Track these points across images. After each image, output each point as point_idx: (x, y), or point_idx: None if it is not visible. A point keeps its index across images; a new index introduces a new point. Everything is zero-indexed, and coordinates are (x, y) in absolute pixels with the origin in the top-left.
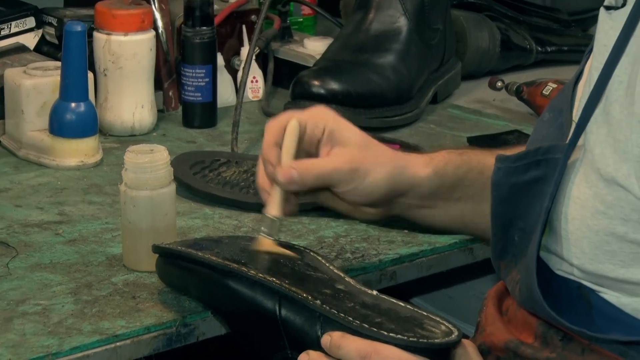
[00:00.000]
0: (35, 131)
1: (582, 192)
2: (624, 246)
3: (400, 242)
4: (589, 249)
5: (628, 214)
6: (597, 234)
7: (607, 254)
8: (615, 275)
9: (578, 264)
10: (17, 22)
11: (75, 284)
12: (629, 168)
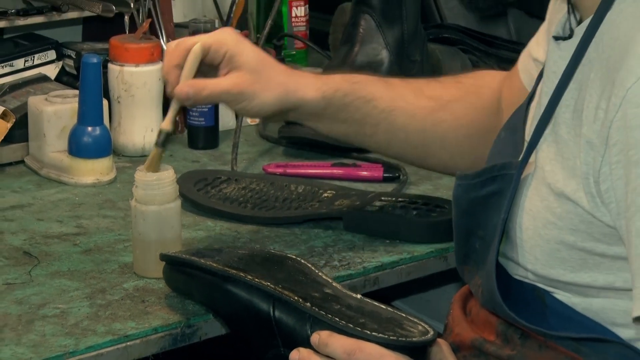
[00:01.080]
0: (56, 152)
1: (534, 204)
2: (572, 253)
3: (383, 251)
4: (542, 255)
5: (576, 225)
6: (549, 242)
7: (557, 260)
8: (566, 279)
9: (532, 269)
10: (40, 55)
11: (90, 289)
12: (577, 183)
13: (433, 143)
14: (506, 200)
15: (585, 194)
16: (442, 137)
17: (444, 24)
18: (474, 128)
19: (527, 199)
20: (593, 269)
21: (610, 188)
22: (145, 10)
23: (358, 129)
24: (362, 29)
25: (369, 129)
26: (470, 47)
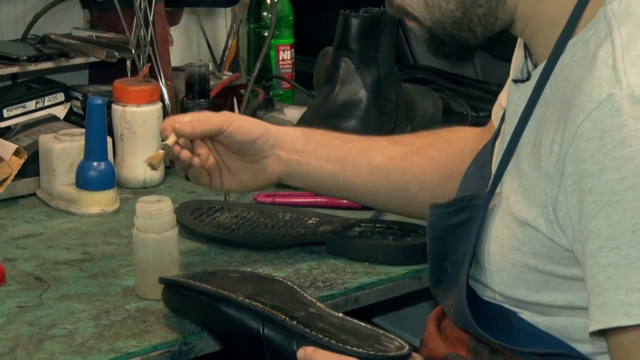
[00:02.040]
0: (65, 185)
1: (500, 231)
2: (535, 275)
3: (362, 272)
4: (508, 278)
5: (538, 249)
6: (514, 266)
7: (522, 282)
8: (530, 299)
9: (499, 290)
10: (50, 97)
11: (95, 310)
12: (537, 211)
13: (412, 184)
14: (475, 228)
15: (544, 221)
16: (420, 178)
17: (416, 65)
18: (448, 171)
19: (494, 226)
20: (554, 290)
21: (567, 215)
22: (145, 56)
23: (343, 169)
24: (342, 71)
25: (352, 168)
26: (441, 86)
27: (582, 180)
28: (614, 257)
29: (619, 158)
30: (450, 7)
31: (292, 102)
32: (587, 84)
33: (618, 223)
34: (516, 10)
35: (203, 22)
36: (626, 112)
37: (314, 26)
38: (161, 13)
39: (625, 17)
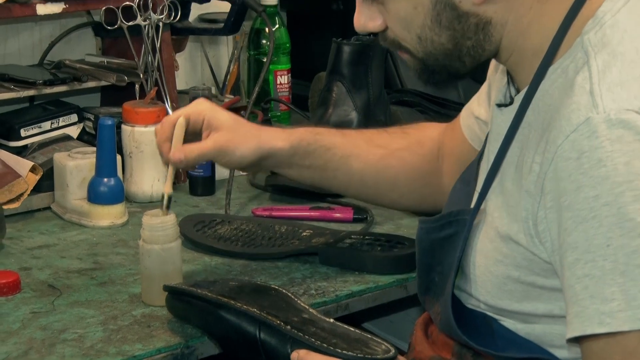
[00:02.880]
0: (77, 200)
1: (484, 245)
2: (517, 286)
3: (352, 281)
4: (492, 288)
5: (520, 262)
6: (497, 277)
7: (505, 292)
8: (512, 308)
9: (484, 299)
10: (64, 118)
11: (104, 316)
12: (518, 227)
13: (384, 185)
14: (461, 241)
15: (525, 235)
16: (393, 180)
17: (404, 89)
18: (418, 172)
19: (479, 240)
20: (535, 300)
21: (546, 229)
22: (153, 80)
23: (321, 174)
24: (335, 94)
25: (330, 173)
26: (426, 108)
27: (560, 197)
28: (589, 269)
29: (595, 177)
30: (442, 40)
31: (288, 122)
32: (566, 108)
33: (594, 237)
34: (501, 42)
35: (207, 49)
36: (602, 135)
37: (309, 53)
38: (167, 41)
39: (601, 47)
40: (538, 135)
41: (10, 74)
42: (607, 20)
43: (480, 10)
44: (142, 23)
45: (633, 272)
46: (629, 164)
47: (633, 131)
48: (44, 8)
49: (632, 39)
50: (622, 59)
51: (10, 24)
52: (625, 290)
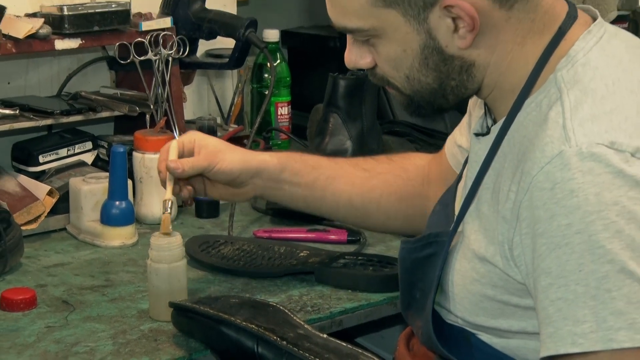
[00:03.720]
0: (91, 221)
1: (462, 265)
2: (493, 304)
3: (346, 299)
4: (469, 305)
5: (495, 282)
6: (474, 295)
7: (481, 309)
8: (488, 324)
9: (461, 315)
10: (79, 145)
11: (114, 330)
12: (495, 249)
13: (370, 206)
14: (440, 260)
15: (501, 258)
16: (378, 201)
17: (395, 120)
18: (402, 194)
19: (457, 261)
20: (509, 317)
21: (521, 254)
22: (162, 110)
23: (311, 192)
24: (331, 124)
25: (319, 192)
26: (416, 138)
27: (535, 225)
28: (562, 293)
29: (568, 206)
30: (429, 80)
31: (289, 150)
32: (540, 141)
33: (566, 263)
34: (483, 81)
35: (213, 82)
36: (574, 167)
37: (307, 86)
38: (176, 74)
39: (574, 84)
40: (513, 165)
41: (30, 105)
42: (579, 58)
43: (465, 54)
44: (153, 58)
45: (603, 296)
46: (599, 195)
47: (603, 164)
48: (62, 43)
49: (602, 76)
50: (593, 95)
51: (31, 58)
52: (596, 312)
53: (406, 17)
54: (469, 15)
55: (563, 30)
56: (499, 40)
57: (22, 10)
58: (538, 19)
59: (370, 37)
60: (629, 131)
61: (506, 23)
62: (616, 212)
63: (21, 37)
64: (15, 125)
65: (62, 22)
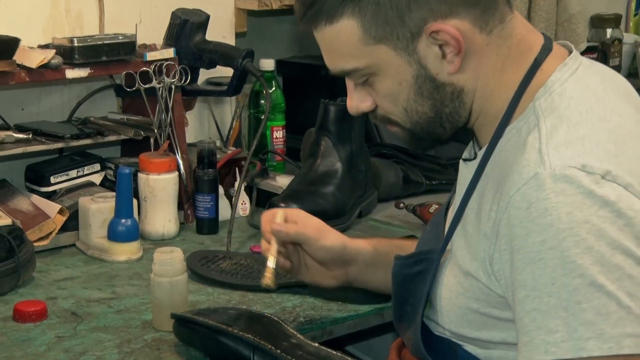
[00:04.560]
0: (99, 238)
1: (449, 280)
2: (476, 316)
3: (336, 310)
4: (454, 317)
5: (478, 295)
6: (459, 308)
7: (466, 322)
8: (472, 335)
9: (448, 327)
10: (88, 167)
11: (119, 340)
12: (478, 265)
13: None
14: (429, 276)
15: (483, 273)
16: None
17: (382, 143)
18: None
19: (445, 276)
20: (491, 328)
21: (501, 269)
22: (166, 134)
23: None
24: (322, 147)
25: None
26: (401, 159)
27: (512, 241)
28: (536, 304)
29: (542, 224)
30: (425, 109)
31: (283, 171)
32: (518, 164)
33: (540, 277)
34: (472, 106)
35: (213, 107)
36: (548, 188)
37: (301, 112)
38: (179, 101)
39: (550, 111)
40: (495, 186)
41: (43, 129)
42: (556, 88)
43: (454, 80)
44: (157, 86)
45: (574, 308)
46: (570, 214)
47: (574, 185)
48: (72, 72)
49: (577, 105)
50: (568, 122)
51: (43, 86)
52: (567, 323)
53: (396, 50)
54: (454, 38)
55: (539, 61)
56: (482, 64)
57: (35, 42)
58: (514, 46)
59: (367, 76)
60: (600, 155)
61: (487, 48)
62: (586, 229)
63: (34, 66)
64: (29, 148)
65: (73, 53)
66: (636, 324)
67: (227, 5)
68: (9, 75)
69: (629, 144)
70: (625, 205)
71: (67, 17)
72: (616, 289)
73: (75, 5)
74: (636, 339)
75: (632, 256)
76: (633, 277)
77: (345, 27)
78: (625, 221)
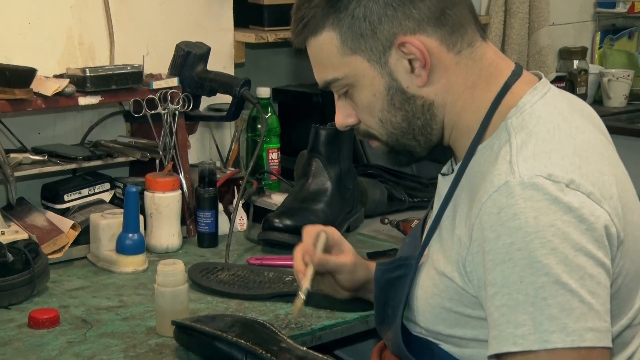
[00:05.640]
0: (108, 251)
1: (425, 282)
2: (450, 315)
3: (325, 317)
4: (430, 316)
5: (452, 295)
6: (434, 307)
7: (440, 320)
8: (446, 332)
9: (424, 325)
10: (99, 186)
11: (125, 345)
12: (452, 267)
13: None
14: (408, 280)
15: (457, 274)
16: None
17: (368, 164)
18: None
19: (421, 278)
20: (464, 326)
21: (473, 270)
22: (170, 156)
23: None
24: (313, 168)
25: None
26: (386, 179)
27: (483, 243)
28: (505, 300)
29: (511, 228)
30: (398, 119)
31: (278, 189)
32: (490, 174)
33: (509, 275)
34: (444, 120)
35: (213, 131)
36: (517, 194)
37: (294, 135)
38: (182, 125)
39: (521, 129)
40: (469, 195)
41: (57, 152)
42: (526, 109)
43: (424, 93)
44: (162, 112)
45: (540, 304)
46: (537, 218)
47: (541, 192)
48: (84, 100)
49: (545, 123)
50: (537, 138)
51: (58, 112)
52: (534, 317)
53: (370, 62)
54: (419, 50)
55: (509, 84)
56: (451, 81)
57: (51, 72)
58: (484, 68)
59: (346, 87)
60: (565, 167)
61: (456, 66)
62: (552, 232)
63: (50, 94)
64: (45, 169)
65: (85, 82)
66: (597, 319)
67: (227, 38)
68: (27, 102)
69: (592, 158)
70: (587, 212)
71: (80, 49)
72: (579, 287)
73: (87, 39)
74: (597, 333)
75: (592, 257)
76: (594, 277)
77: (327, 39)
78: (586, 226)
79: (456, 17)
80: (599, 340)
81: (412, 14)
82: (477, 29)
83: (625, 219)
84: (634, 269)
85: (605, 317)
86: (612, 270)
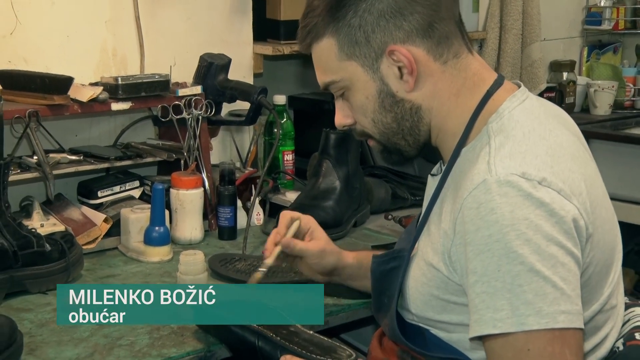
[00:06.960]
0: (136, 242)
1: (415, 272)
2: (438, 302)
3: (332, 304)
4: (420, 303)
5: (439, 284)
6: (424, 295)
7: (429, 306)
8: (435, 318)
9: (415, 312)
10: (129, 184)
11: (150, 327)
12: (439, 258)
13: None
14: (401, 271)
15: (443, 264)
16: None
17: (374, 165)
18: None
19: (412, 269)
20: (450, 312)
21: (457, 260)
22: (193, 157)
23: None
24: (324, 168)
25: None
26: (390, 179)
27: (465, 235)
28: (485, 287)
29: (489, 221)
30: (388, 120)
31: (292, 188)
32: (471, 173)
33: (488, 264)
34: (430, 123)
35: (233, 135)
36: (494, 191)
37: (307, 138)
38: (205, 129)
39: (499, 132)
40: (453, 193)
41: (92, 152)
42: (505, 114)
43: (412, 97)
44: (187, 117)
45: (516, 290)
46: (512, 212)
47: (516, 189)
48: (116, 105)
49: (522, 126)
50: (513, 140)
51: (93, 116)
52: (511, 303)
53: (364, 67)
54: (407, 58)
55: (490, 92)
56: (437, 87)
57: (86, 80)
58: (469, 78)
59: (343, 89)
60: (537, 166)
61: (442, 74)
62: (526, 225)
63: (85, 100)
64: (80, 168)
65: (117, 89)
66: (569, 303)
67: (246, 51)
68: (65, 108)
69: (563, 158)
70: (557, 207)
71: (114, 60)
72: (551, 274)
73: (120, 50)
74: (569, 315)
75: (563, 247)
76: (565, 265)
77: (327, 45)
78: (557, 219)
79: (443, 30)
80: (571, 322)
81: (402, 26)
82: (464, 42)
83: (594, 214)
84: (604, 258)
85: (577, 301)
86: (583, 260)
